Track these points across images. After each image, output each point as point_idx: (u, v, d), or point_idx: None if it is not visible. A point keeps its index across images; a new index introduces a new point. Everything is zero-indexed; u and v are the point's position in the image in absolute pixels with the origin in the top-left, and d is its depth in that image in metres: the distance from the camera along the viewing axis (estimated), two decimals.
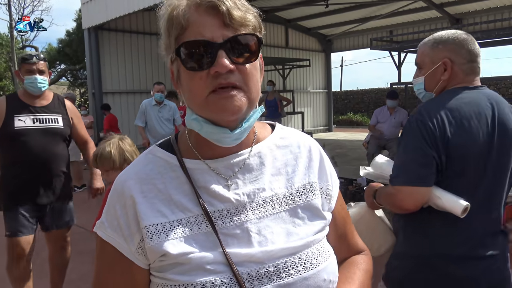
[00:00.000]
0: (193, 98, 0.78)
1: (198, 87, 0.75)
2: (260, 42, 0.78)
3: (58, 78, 25.42)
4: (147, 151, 0.88)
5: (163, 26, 0.79)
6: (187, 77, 0.77)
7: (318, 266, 0.81)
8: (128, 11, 9.62)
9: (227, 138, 0.79)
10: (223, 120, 0.77)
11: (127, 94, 11.91)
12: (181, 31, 0.75)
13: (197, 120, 0.79)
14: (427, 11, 12.52)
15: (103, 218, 0.84)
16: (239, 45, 0.75)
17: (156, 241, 0.77)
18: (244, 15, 0.76)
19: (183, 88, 0.80)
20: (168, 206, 0.79)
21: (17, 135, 2.81)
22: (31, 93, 2.90)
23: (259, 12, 0.81)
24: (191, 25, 0.75)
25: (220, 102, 0.74)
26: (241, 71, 0.75)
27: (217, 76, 0.73)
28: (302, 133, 0.97)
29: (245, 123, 0.79)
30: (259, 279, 0.76)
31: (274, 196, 0.84)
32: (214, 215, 0.79)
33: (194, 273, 0.75)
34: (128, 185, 0.82)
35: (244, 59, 0.76)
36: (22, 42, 29.37)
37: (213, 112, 0.76)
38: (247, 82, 0.76)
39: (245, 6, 0.78)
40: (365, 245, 1.06)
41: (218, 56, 0.73)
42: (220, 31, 0.74)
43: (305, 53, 16.06)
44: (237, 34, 0.75)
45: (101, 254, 0.84)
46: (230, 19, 0.74)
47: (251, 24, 0.77)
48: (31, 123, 2.87)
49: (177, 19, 0.75)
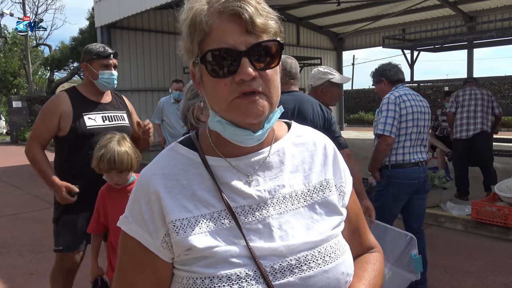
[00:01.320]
0: (217, 103, 0.80)
1: (222, 93, 0.77)
2: (281, 47, 0.80)
3: (71, 76, 25.62)
4: (169, 148, 0.90)
5: (185, 31, 0.80)
6: (211, 83, 0.79)
7: (337, 259, 0.84)
8: (140, 10, 9.67)
9: (250, 140, 0.82)
10: (247, 123, 0.79)
11: (138, 92, 11.98)
12: (204, 37, 0.77)
13: (221, 122, 0.81)
14: (441, 9, 12.38)
15: (127, 213, 0.85)
16: (262, 51, 0.77)
17: (183, 235, 0.79)
18: (266, 21, 0.77)
19: (206, 91, 0.82)
20: (192, 202, 0.82)
21: (90, 135, 2.57)
22: (99, 89, 2.70)
23: (279, 16, 0.82)
24: (214, 31, 0.76)
25: (244, 107, 0.77)
26: (264, 77, 0.78)
27: (241, 83, 0.76)
28: (317, 131, 0.99)
29: (266, 124, 0.82)
30: (282, 272, 0.79)
31: (293, 192, 0.86)
32: (237, 211, 0.82)
33: (219, 266, 0.77)
34: (153, 181, 0.83)
35: (266, 64, 0.78)
36: (36, 40, 29.73)
37: (237, 116, 0.78)
38: (269, 87, 0.79)
39: (266, 11, 0.79)
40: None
41: (241, 64, 0.75)
42: (243, 38, 0.75)
43: (317, 51, 15.99)
44: (260, 42, 0.76)
45: (125, 248, 0.86)
46: (252, 26, 0.75)
47: (272, 30, 0.79)
48: (101, 122, 2.66)
49: (200, 25, 0.76)
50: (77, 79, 28.50)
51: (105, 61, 2.65)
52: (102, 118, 2.67)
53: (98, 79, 2.63)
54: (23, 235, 5.24)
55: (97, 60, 2.64)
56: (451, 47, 9.84)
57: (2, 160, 12.89)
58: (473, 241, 4.67)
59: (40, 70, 29.84)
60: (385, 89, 3.46)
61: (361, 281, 0.91)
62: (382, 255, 1.06)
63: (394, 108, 3.20)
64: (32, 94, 23.34)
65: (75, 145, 2.58)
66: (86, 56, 2.68)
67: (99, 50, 2.65)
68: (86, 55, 2.68)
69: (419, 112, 3.25)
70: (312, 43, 16.04)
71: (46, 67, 27.25)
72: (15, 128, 19.42)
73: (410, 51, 9.57)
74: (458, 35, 8.35)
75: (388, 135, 3.19)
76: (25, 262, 4.30)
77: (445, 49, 9.93)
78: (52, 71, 26.50)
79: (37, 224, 5.74)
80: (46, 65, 27.00)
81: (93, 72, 2.64)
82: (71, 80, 27.82)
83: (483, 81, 18.86)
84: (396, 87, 3.38)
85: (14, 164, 11.35)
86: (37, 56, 28.98)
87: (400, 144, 3.23)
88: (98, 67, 2.63)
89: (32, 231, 5.40)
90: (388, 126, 3.18)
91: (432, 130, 7.28)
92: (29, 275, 3.98)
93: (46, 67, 27.60)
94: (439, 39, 8.46)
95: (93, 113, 2.64)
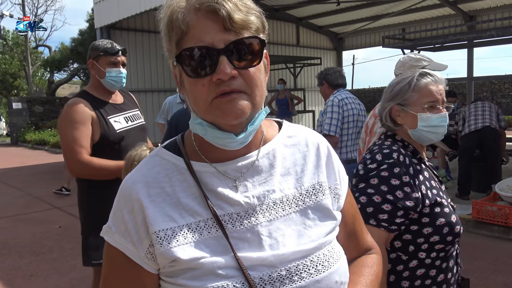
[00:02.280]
0: (196, 104, 0.76)
1: (201, 94, 0.74)
2: (263, 43, 0.76)
3: (71, 77, 25.64)
4: (153, 153, 0.86)
5: (163, 30, 0.77)
6: (189, 83, 0.76)
7: (330, 268, 0.80)
8: (140, 10, 9.67)
9: (232, 143, 0.78)
10: (227, 124, 0.75)
11: (138, 93, 11.96)
12: (181, 36, 0.74)
13: (202, 124, 0.77)
14: (440, 8, 12.35)
15: (110, 223, 0.82)
16: (241, 49, 0.73)
17: (166, 247, 0.75)
18: (246, 17, 0.73)
19: (186, 92, 0.79)
20: (177, 210, 0.78)
21: (120, 139, 2.42)
22: (108, 89, 2.50)
23: (261, 11, 0.78)
24: (191, 29, 0.72)
25: (223, 106, 0.73)
26: (244, 75, 0.74)
27: (219, 82, 0.72)
28: (310, 130, 0.95)
29: (249, 127, 0.78)
30: (272, 283, 0.75)
31: (284, 197, 0.82)
32: (224, 219, 0.78)
33: (206, 278, 0.74)
34: (136, 188, 0.80)
35: (247, 62, 0.74)
36: (35, 41, 29.75)
37: (217, 116, 0.74)
38: (251, 86, 0.74)
39: (247, 6, 0.75)
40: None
41: (219, 62, 0.71)
42: (220, 35, 0.72)
43: (317, 51, 15.96)
44: (238, 39, 0.72)
45: (108, 259, 0.83)
46: (230, 23, 0.71)
47: (253, 26, 0.75)
48: (125, 123, 2.48)
49: (177, 23, 0.73)
50: (77, 80, 28.51)
51: (113, 58, 2.46)
52: (124, 119, 2.50)
53: (105, 77, 2.44)
54: (23, 237, 5.23)
55: (104, 57, 2.45)
56: (451, 47, 9.84)
57: (2, 161, 12.89)
58: (473, 240, 4.66)
59: (40, 71, 29.86)
60: (327, 91, 3.82)
61: (357, 286, 0.88)
62: (381, 256, 1.02)
63: (338, 110, 3.54)
64: (32, 96, 23.35)
65: (106, 151, 2.37)
66: (93, 53, 2.48)
67: (106, 47, 2.47)
68: (93, 51, 2.49)
69: (358, 115, 3.64)
70: (312, 43, 16.02)
71: (46, 68, 27.27)
72: (15, 129, 19.41)
73: (410, 51, 9.55)
74: (458, 34, 8.35)
75: (333, 135, 3.52)
76: (25, 264, 4.30)
77: (445, 49, 9.93)
78: (52, 72, 26.52)
79: (37, 225, 5.73)
80: (46, 67, 27.02)
81: (100, 70, 2.45)
82: (71, 81, 27.85)
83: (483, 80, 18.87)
84: (338, 90, 3.73)
85: (14, 166, 11.35)
86: (37, 57, 28.99)
87: (343, 144, 3.58)
88: (105, 65, 2.44)
89: (32, 232, 5.40)
90: (333, 126, 3.51)
91: None
92: (29, 276, 3.97)
93: (46, 69, 27.63)
94: (439, 38, 8.46)
95: (115, 115, 2.47)
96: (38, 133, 17.56)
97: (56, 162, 12.25)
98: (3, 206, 6.88)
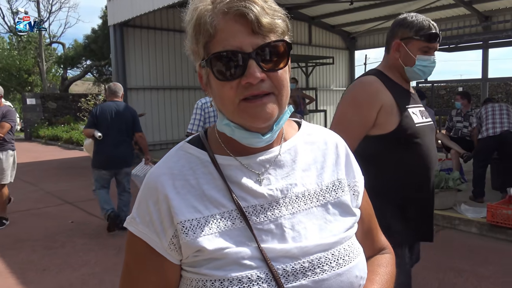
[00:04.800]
0: (224, 105, 0.79)
1: (229, 96, 0.76)
2: (289, 46, 0.78)
3: (84, 74, 25.91)
4: (177, 147, 0.88)
5: (190, 32, 0.79)
6: (217, 85, 0.77)
7: (351, 262, 0.82)
8: (153, 8, 9.72)
9: (259, 142, 0.81)
10: (255, 127, 0.78)
11: (150, 90, 12.03)
12: (209, 39, 0.75)
13: (229, 125, 0.80)
14: (455, 8, 12.22)
15: (134, 213, 0.84)
16: (269, 52, 0.75)
17: (192, 237, 0.77)
18: (273, 20, 0.75)
19: (213, 94, 0.81)
20: (201, 202, 0.80)
21: (416, 135, 1.81)
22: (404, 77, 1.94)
23: (286, 14, 0.80)
24: (219, 33, 0.74)
25: (252, 111, 0.75)
26: (272, 77, 0.76)
27: (248, 86, 0.74)
28: (328, 130, 0.98)
29: (275, 126, 0.80)
30: (294, 275, 0.76)
31: (306, 191, 0.84)
32: (248, 211, 0.80)
33: (230, 268, 0.75)
34: (161, 180, 0.81)
35: (274, 65, 0.76)
36: (50, 38, 30.09)
37: (246, 120, 0.77)
38: (278, 87, 0.77)
39: (273, 9, 0.76)
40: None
41: (248, 66, 0.73)
42: (249, 39, 0.73)
43: (329, 50, 15.89)
44: (267, 43, 0.74)
45: (131, 249, 0.84)
46: (259, 27, 0.73)
47: (279, 29, 0.77)
48: (421, 118, 1.89)
49: (205, 26, 0.75)
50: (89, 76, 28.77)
51: (430, 44, 1.88)
52: (420, 113, 1.92)
53: (413, 65, 1.88)
54: (36, 231, 5.29)
55: (418, 42, 1.87)
56: (465, 47, 9.71)
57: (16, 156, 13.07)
58: (488, 244, 4.59)
59: (54, 68, 30.21)
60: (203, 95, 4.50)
61: (374, 285, 0.89)
62: (394, 256, 1.04)
63: (200, 112, 4.27)
64: (46, 92, 23.65)
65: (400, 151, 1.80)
66: (404, 32, 1.89)
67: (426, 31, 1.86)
68: (405, 30, 1.89)
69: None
70: (324, 42, 15.95)
71: (60, 65, 27.59)
72: (29, 125, 19.66)
73: None
74: (473, 35, 8.24)
75: (194, 133, 4.04)
76: (37, 258, 4.34)
77: (459, 49, 9.80)
78: (66, 69, 26.82)
79: (50, 220, 5.79)
80: (59, 63, 27.34)
81: (409, 55, 1.87)
82: (83, 78, 28.12)
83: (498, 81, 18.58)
84: None
85: (28, 161, 11.49)
86: (51, 54, 29.34)
87: None
88: (417, 50, 1.88)
89: (45, 227, 5.45)
90: (195, 126, 4.27)
91: (447, 130, 7.18)
92: (42, 271, 4.01)
93: (59, 65, 27.95)
94: (453, 38, 8.35)
95: (412, 106, 1.89)
96: (51, 129, 17.76)
97: (68, 158, 12.39)
98: (17, 200, 6.97)
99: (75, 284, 3.68)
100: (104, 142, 4.95)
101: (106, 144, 4.95)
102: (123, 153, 5.07)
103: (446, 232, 5.00)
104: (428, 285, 3.55)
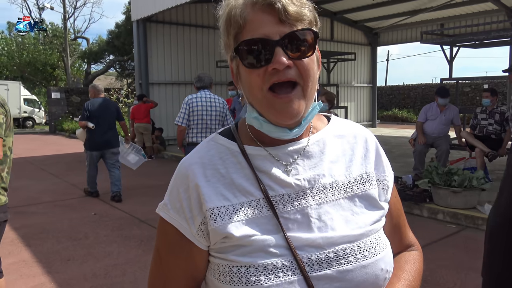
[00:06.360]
0: (252, 92, 0.80)
1: (256, 83, 0.78)
2: (316, 36, 0.79)
3: (107, 69, 26.31)
4: (209, 139, 0.92)
5: (222, 26, 0.82)
6: (246, 74, 0.80)
7: (376, 255, 0.82)
8: (175, 4, 9.79)
9: (286, 136, 0.83)
10: (282, 123, 0.80)
11: (172, 85, 12.16)
12: (239, 30, 0.78)
13: (257, 119, 0.82)
14: (482, 3, 11.91)
15: (166, 200, 0.87)
16: (296, 40, 0.77)
17: (220, 223, 0.79)
18: (300, 9, 0.77)
19: (243, 85, 0.83)
20: (230, 190, 0.82)
21: None
22: None
23: (314, 6, 0.82)
24: (248, 23, 0.77)
25: (279, 107, 0.77)
26: (299, 66, 0.77)
27: (274, 72, 0.76)
28: (358, 125, 0.99)
29: (303, 121, 0.82)
30: (319, 264, 0.78)
31: (334, 183, 0.85)
32: (275, 200, 0.81)
33: (256, 254, 0.77)
34: (192, 169, 0.85)
35: (301, 53, 0.77)
36: (74, 33, 30.65)
37: (273, 115, 0.79)
38: (305, 77, 0.78)
39: (300, 1, 0.79)
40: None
41: (275, 53, 0.75)
42: (276, 28, 0.76)
43: (351, 46, 15.74)
44: (293, 30, 0.76)
45: (162, 235, 0.87)
46: (285, 15, 0.75)
47: (307, 19, 0.79)
48: None
49: (235, 18, 0.78)
50: (112, 71, 29.21)
51: None
52: None
53: None
54: (60, 222, 5.43)
55: None
56: (492, 43, 9.46)
57: (42, 149, 13.40)
58: None
59: (78, 63, 30.79)
60: (195, 91, 5.21)
61: (401, 282, 0.89)
62: (422, 254, 1.03)
63: (185, 107, 4.98)
64: (70, 86, 24.12)
65: None
66: None
67: None
68: None
69: (203, 110, 4.99)
70: (346, 38, 15.79)
71: (84, 59, 28.09)
72: (53, 118, 20.12)
73: (449, 47, 9.26)
74: (501, 31, 8.02)
75: (180, 124, 5.01)
76: (62, 248, 4.46)
77: (485, 45, 9.56)
78: (89, 64, 27.28)
79: (73, 211, 5.93)
80: (83, 58, 27.84)
81: None
82: (106, 72, 28.57)
83: None
84: (199, 91, 5.11)
85: (53, 153, 11.77)
86: (75, 49, 29.91)
87: (190, 130, 5.05)
88: None
89: (69, 218, 5.59)
90: (180, 118, 4.99)
91: (471, 129, 7.04)
92: (66, 261, 4.12)
93: (83, 60, 28.46)
94: (480, 34, 8.14)
95: None
96: (75, 123, 18.14)
97: None
98: (43, 192, 7.14)
99: (99, 275, 3.76)
100: (95, 130, 6.30)
101: (96, 132, 6.32)
102: (109, 138, 6.46)
103: (468, 231, 4.91)
104: (448, 284, 3.50)
